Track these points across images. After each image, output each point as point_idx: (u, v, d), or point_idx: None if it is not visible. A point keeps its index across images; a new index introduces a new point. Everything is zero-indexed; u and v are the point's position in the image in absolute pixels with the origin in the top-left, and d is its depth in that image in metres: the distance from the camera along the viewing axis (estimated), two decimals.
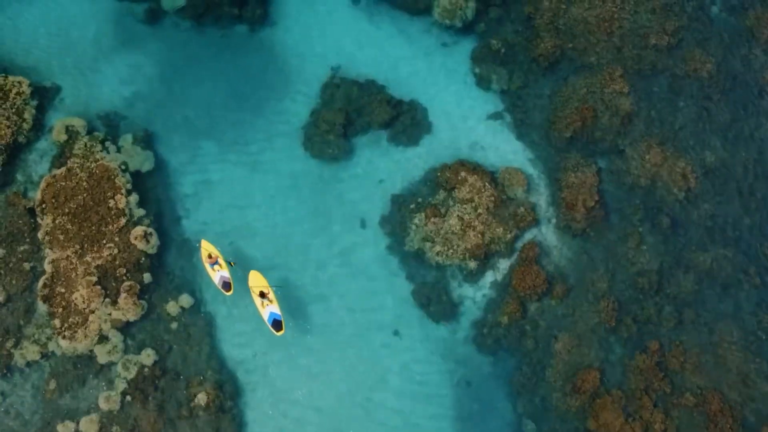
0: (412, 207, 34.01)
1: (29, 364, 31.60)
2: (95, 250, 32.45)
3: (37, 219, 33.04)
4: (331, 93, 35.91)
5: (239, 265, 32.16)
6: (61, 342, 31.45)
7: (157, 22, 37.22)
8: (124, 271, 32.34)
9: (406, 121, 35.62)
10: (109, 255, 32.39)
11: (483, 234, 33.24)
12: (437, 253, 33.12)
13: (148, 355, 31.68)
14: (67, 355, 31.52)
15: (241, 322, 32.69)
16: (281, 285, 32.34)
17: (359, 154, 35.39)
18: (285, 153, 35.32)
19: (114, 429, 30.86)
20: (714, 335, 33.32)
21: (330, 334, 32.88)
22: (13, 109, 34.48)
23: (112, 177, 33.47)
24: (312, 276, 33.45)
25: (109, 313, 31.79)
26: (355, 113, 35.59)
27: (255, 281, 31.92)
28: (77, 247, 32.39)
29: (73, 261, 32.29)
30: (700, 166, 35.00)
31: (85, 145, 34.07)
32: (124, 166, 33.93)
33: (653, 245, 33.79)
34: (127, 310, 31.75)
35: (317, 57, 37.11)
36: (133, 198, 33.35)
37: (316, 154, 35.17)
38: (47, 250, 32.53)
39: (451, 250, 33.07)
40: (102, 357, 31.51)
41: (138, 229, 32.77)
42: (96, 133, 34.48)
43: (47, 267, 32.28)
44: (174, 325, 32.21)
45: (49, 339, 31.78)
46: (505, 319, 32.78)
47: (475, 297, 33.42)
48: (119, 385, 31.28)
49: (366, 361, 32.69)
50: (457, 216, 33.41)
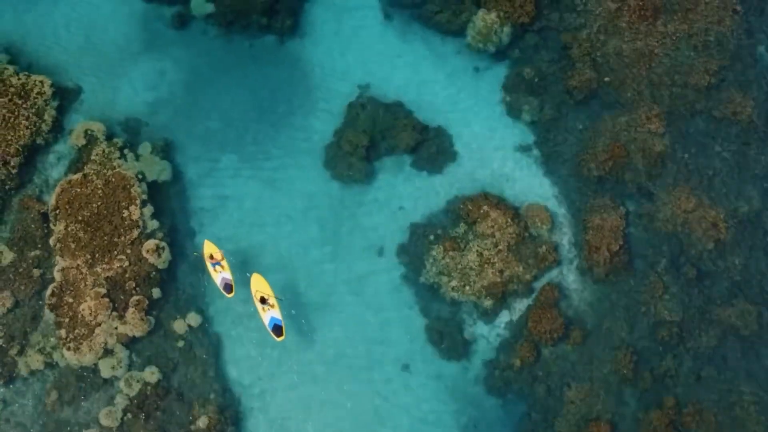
0: (431, 238, 33.11)
1: (33, 373, 31.26)
2: (106, 261, 31.94)
3: (50, 224, 32.53)
4: (356, 113, 35.01)
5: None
6: (66, 353, 31.04)
7: (185, 28, 36.51)
8: (134, 284, 31.80)
9: (431, 147, 34.67)
10: (120, 267, 31.85)
11: (502, 272, 32.31)
12: (453, 289, 32.26)
13: (152, 373, 31.19)
14: (71, 367, 31.16)
15: (248, 345, 32.12)
16: (282, 298, 31.42)
17: (381, 178, 34.51)
18: (305, 172, 34.52)
19: None
20: (733, 394, 32.20)
21: (338, 363, 32.20)
22: (33, 109, 33.98)
23: (128, 186, 32.88)
24: (324, 302, 32.74)
25: (116, 327, 31.32)
26: (380, 136, 34.67)
27: (257, 285, 31.16)
28: (88, 256, 31.89)
29: (83, 271, 31.81)
30: (732, 216, 33.72)
31: (103, 151, 33.52)
32: (140, 176, 33.34)
33: (677, 295, 32.67)
34: (134, 325, 31.25)
35: (345, 73, 36.20)
36: (148, 210, 32.76)
37: (336, 175, 34.35)
38: (58, 258, 32.07)
39: (467, 287, 32.19)
40: (105, 371, 31.09)
41: (150, 243, 32.19)
42: (115, 140, 33.89)
43: (57, 275, 31.84)
44: (180, 343, 31.67)
45: (53, 349, 31.38)
46: (518, 362, 31.89)
47: (489, 336, 32.55)
48: (121, 401, 30.86)
49: (372, 395, 32.00)
50: (477, 251, 32.48)
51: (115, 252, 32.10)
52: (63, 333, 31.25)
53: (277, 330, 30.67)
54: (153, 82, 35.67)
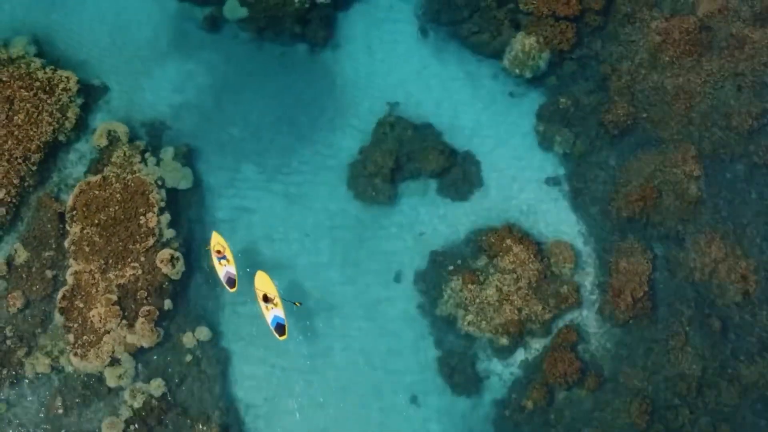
0: (451, 269, 32.32)
1: (38, 376, 30.94)
2: (119, 268, 31.49)
3: (66, 225, 32.08)
4: (384, 132, 34.17)
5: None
6: (73, 359, 30.70)
7: (217, 30, 35.78)
8: (146, 294, 31.33)
9: (458, 173, 33.80)
10: (133, 275, 31.39)
11: (520, 310, 31.48)
12: (469, 323, 31.52)
13: (157, 386, 30.78)
14: (77, 373, 30.79)
15: (256, 364, 31.58)
16: (296, 303, 30.73)
17: (404, 201, 33.72)
18: (328, 189, 33.81)
19: None
20: None
21: (345, 389, 31.60)
22: (58, 106, 33.46)
23: (147, 193, 32.35)
24: (336, 325, 32.12)
25: (124, 336, 30.91)
26: (406, 157, 33.84)
27: (261, 283, 30.58)
28: (102, 262, 31.45)
29: (96, 276, 31.39)
30: (764, 268, 32.56)
31: (124, 153, 32.99)
32: (160, 182, 32.79)
33: (699, 348, 31.68)
34: (143, 335, 30.82)
35: (375, 89, 35.37)
36: (165, 218, 32.22)
37: (359, 195, 33.61)
38: (71, 261, 31.66)
39: (484, 322, 31.43)
40: (111, 380, 30.72)
41: (165, 252, 31.68)
42: (137, 142, 33.32)
43: (69, 278, 31.44)
44: (188, 357, 31.21)
45: (61, 353, 31.04)
46: (530, 404, 31.12)
47: (502, 374, 31.80)
48: (124, 412, 30.49)
49: (378, 425, 31.38)
50: (496, 286, 31.67)
51: (129, 259, 31.61)
52: (71, 338, 30.89)
53: (280, 329, 30.09)
54: (179, 84, 35.00)
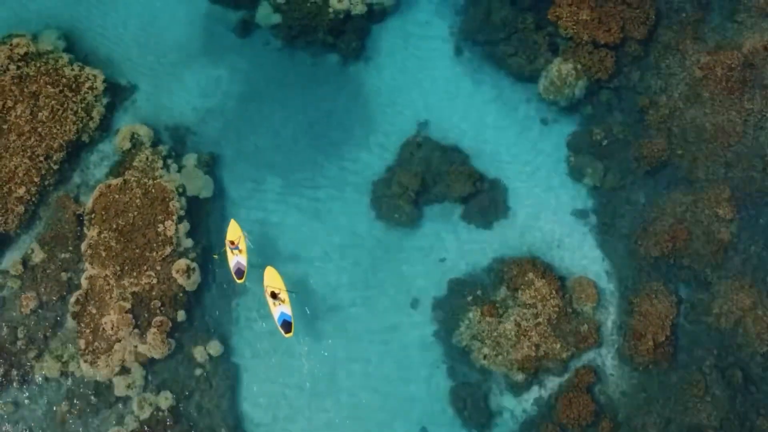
0: (470, 299, 31.68)
1: (47, 379, 30.75)
2: (134, 275, 31.11)
3: (84, 228, 31.72)
4: (411, 152, 33.48)
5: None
6: (83, 365, 30.47)
7: (248, 35, 35.23)
8: (159, 304, 30.96)
9: (483, 200, 33.06)
10: (147, 284, 31.02)
11: (538, 346, 30.81)
12: (484, 356, 30.91)
13: (165, 398, 30.48)
14: (86, 380, 30.51)
15: (266, 382, 31.19)
16: (294, 291, 30.59)
17: (427, 225, 33.05)
18: (351, 207, 33.22)
19: None
20: None
21: (355, 414, 31.13)
22: (83, 104, 33.09)
23: (167, 200, 31.92)
24: (350, 348, 31.61)
25: (136, 346, 30.58)
26: (432, 180, 33.15)
27: (270, 279, 30.22)
28: (117, 268, 31.09)
29: (110, 282, 31.05)
30: None
31: (146, 158, 32.55)
32: (181, 189, 32.33)
33: (718, 399, 30.87)
34: (155, 346, 30.48)
35: (405, 107, 34.67)
36: (183, 227, 31.79)
37: (382, 215, 32.99)
38: (87, 264, 31.34)
39: (500, 356, 30.79)
40: (120, 389, 30.45)
41: (181, 262, 31.26)
42: (160, 147, 32.88)
43: (84, 282, 31.15)
44: (198, 371, 30.86)
45: (71, 358, 30.82)
46: None
47: (514, 410, 31.19)
48: (130, 423, 30.26)
49: None
50: (515, 320, 31.01)
51: (145, 267, 31.23)
52: (82, 344, 30.62)
53: (286, 326, 29.78)
54: (207, 89, 34.49)
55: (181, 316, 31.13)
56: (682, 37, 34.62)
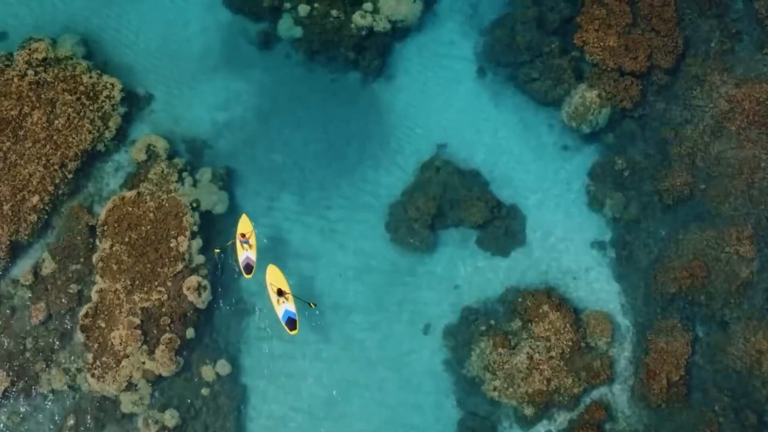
0: (482, 328, 31.27)
1: (54, 392, 30.52)
2: (145, 290, 30.83)
3: (96, 240, 31.44)
4: (429, 176, 33.01)
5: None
6: (90, 379, 30.25)
7: (269, 48, 34.75)
8: (169, 320, 30.69)
9: (500, 227, 32.59)
10: (158, 300, 30.74)
11: (549, 380, 30.40)
12: (495, 388, 30.51)
13: (171, 416, 30.23)
14: (92, 394, 30.30)
15: (274, 403, 30.91)
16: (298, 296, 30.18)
17: (442, 251, 32.61)
18: (365, 229, 32.80)
19: None
20: None
21: None
22: (99, 113, 32.74)
23: (181, 215, 31.59)
24: (359, 373, 31.26)
25: (143, 362, 30.31)
26: (449, 205, 32.68)
27: (273, 278, 29.98)
28: (128, 282, 30.81)
29: (121, 296, 30.78)
30: None
31: (162, 171, 32.20)
32: (195, 204, 31.94)
33: None
34: (162, 364, 30.23)
35: (425, 128, 34.20)
36: (196, 243, 31.46)
37: (396, 238, 32.56)
38: (98, 277, 31.08)
39: (510, 389, 30.39)
40: (126, 406, 30.22)
41: (193, 279, 30.96)
42: (176, 160, 32.51)
43: (94, 295, 30.89)
44: (205, 390, 30.58)
45: (78, 371, 30.60)
46: None
47: None
48: None
49: None
50: (527, 353, 30.59)
51: (156, 283, 30.93)
52: (90, 358, 30.39)
53: (291, 323, 29.46)
54: (225, 102, 34.06)
55: (190, 333, 30.85)
56: (710, 67, 34.01)
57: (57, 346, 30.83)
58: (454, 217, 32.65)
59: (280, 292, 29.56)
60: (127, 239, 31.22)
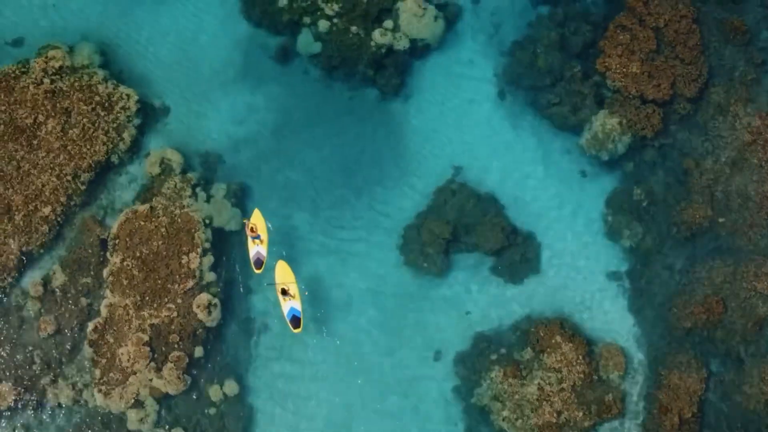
0: (494, 357, 30.92)
1: (60, 406, 30.32)
2: (155, 306, 30.59)
3: (107, 253, 31.18)
4: (444, 199, 32.63)
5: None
6: (97, 395, 30.05)
7: (287, 63, 34.40)
8: (178, 338, 30.43)
9: (515, 254, 32.18)
10: (167, 317, 30.49)
11: (559, 413, 30.04)
12: (504, 419, 30.16)
13: None
14: (99, 410, 30.10)
15: (282, 426, 30.63)
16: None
17: (455, 276, 32.24)
18: (378, 251, 32.45)
19: None
20: None
21: None
22: (114, 125, 32.47)
23: (193, 231, 31.30)
24: (368, 398, 30.94)
25: (151, 380, 30.07)
26: (464, 230, 32.30)
27: (282, 273, 29.87)
28: (138, 298, 30.57)
29: (130, 312, 30.54)
30: None
31: (175, 185, 31.92)
32: (207, 220, 31.64)
33: None
34: (170, 382, 30.00)
35: (442, 149, 33.82)
36: (207, 260, 31.19)
37: (409, 262, 32.20)
38: (108, 292, 30.85)
39: (519, 420, 30.04)
40: (132, 423, 30.01)
41: (203, 297, 30.69)
42: (189, 175, 32.22)
43: (103, 310, 30.67)
44: (212, 410, 30.37)
45: (85, 386, 30.42)
46: None
47: None
48: None
49: None
50: (538, 384, 30.23)
51: (166, 299, 30.69)
52: (98, 373, 30.19)
53: (295, 321, 29.37)
54: (241, 116, 33.74)
55: (198, 352, 30.61)
56: (734, 97, 33.51)
57: (65, 359, 30.63)
58: (468, 242, 32.26)
59: (284, 292, 29.34)
60: (138, 254, 30.95)
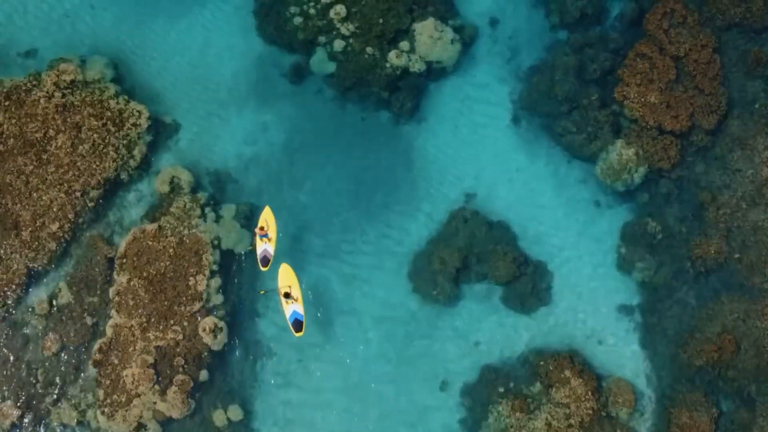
0: (501, 390, 30.55)
1: (63, 426, 30.08)
2: (160, 328, 30.32)
3: (114, 273, 30.88)
4: (456, 226, 32.21)
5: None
6: (100, 417, 29.82)
7: (300, 82, 33.98)
8: (183, 361, 30.16)
9: (526, 284, 31.75)
10: (173, 339, 30.21)
11: None
12: None
13: None
14: None
15: None
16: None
17: (464, 305, 31.86)
18: (387, 277, 32.09)
19: None
20: None
21: None
22: (125, 141, 32.14)
23: (201, 252, 30.99)
24: (374, 427, 30.62)
25: (155, 402, 29.79)
26: (475, 258, 31.89)
27: (286, 276, 29.74)
28: (144, 319, 30.29)
29: (136, 333, 30.26)
30: None
31: (184, 205, 31.61)
32: (216, 241, 31.29)
33: None
34: (174, 406, 29.73)
35: (455, 175, 33.42)
36: (215, 282, 30.88)
37: (418, 289, 31.83)
38: (113, 312, 30.58)
39: None
40: None
41: (209, 320, 30.40)
42: (199, 195, 31.89)
43: (108, 330, 30.42)
44: None
45: (89, 407, 30.21)
46: None
47: None
48: None
49: None
50: (546, 419, 29.85)
51: (172, 321, 30.40)
52: (101, 394, 29.95)
53: (297, 325, 29.28)
54: (253, 136, 33.41)
55: (203, 375, 30.33)
56: (753, 130, 32.95)
57: (68, 379, 30.46)
58: (479, 271, 31.87)
59: (287, 295, 29.16)
60: (145, 274, 30.67)
